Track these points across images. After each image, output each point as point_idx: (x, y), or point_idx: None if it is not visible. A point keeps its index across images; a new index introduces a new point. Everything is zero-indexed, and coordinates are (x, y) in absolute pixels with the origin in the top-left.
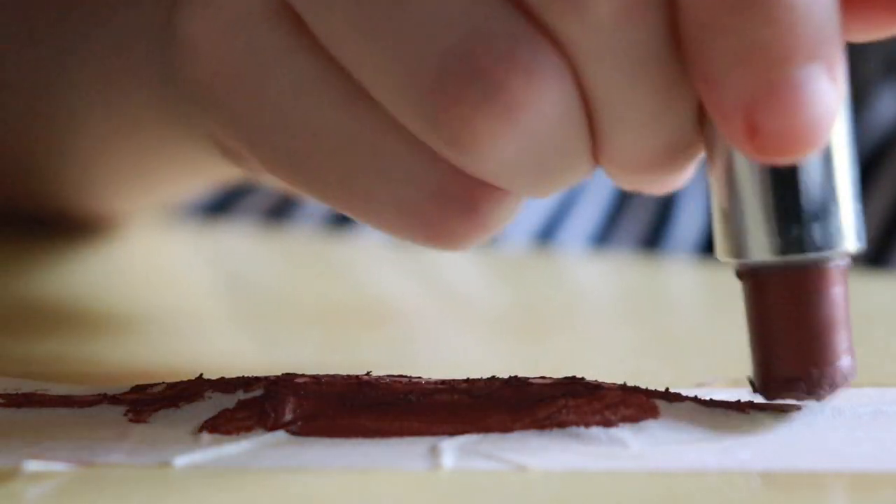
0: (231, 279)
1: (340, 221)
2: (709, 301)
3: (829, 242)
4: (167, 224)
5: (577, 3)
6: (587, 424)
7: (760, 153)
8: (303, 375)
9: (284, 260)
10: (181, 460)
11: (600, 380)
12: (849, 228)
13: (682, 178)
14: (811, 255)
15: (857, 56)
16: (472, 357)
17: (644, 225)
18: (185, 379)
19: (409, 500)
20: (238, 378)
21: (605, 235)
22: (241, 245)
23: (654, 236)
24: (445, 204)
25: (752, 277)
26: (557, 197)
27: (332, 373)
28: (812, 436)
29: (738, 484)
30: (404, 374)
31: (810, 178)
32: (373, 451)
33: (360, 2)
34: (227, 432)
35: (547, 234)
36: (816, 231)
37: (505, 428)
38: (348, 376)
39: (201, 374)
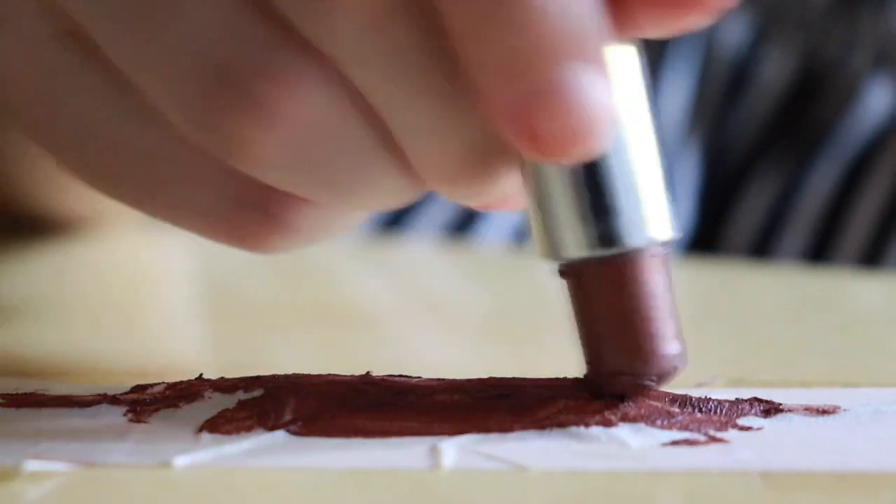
0: (224, 280)
1: None
2: (699, 301)
3: (638, 234)
4: (160, 227)
5: (328, 11)
6: (587, 424)
7: (543, 155)
8: (303, 375)
9: (275, 261)
10: (181, 460)
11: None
12: (658, 218)
13: (504, 190)
14: (623, 248)
15: (847, 49)
16: (457, 360)
17: None
18: (184, 379)
19: (409, 500)
20: (238, 378)
21: None
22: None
23: None
24: (244, 209)
25: (572, 275)
26: None
27: (331, 373)
28: (812, 436)
29: (738, 484)
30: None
31: (613, 172)
32: (373, 451)
33: (127, 17)
34: (227, 432)
35: (526, 233)
36: (625, 224)
37: (505, 428)
38: (348, 376)
39: (201, 374)
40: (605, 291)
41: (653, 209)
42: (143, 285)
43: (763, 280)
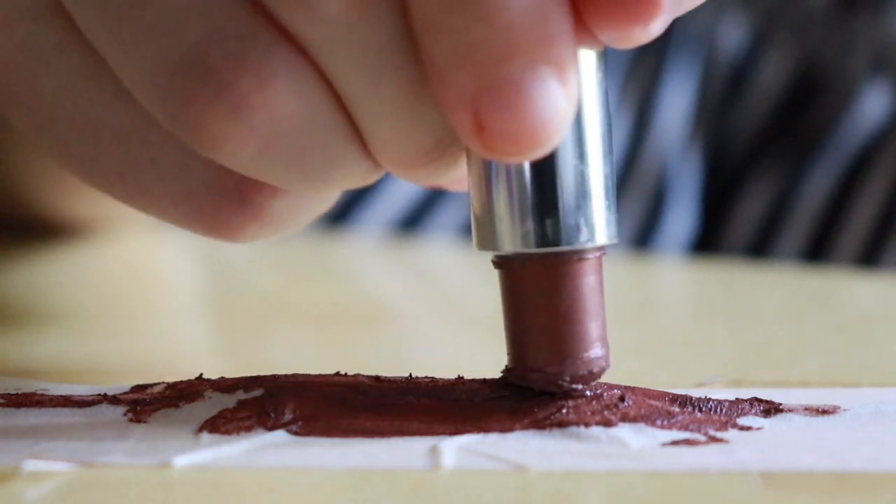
0: (225, 280)
1: (333, 221)
2: (699, 301)
3: (576, 236)
4: (167, 228)
5: (307, 1)
6: (587, 424)
7: (489, 151)
8: (303, 375)
9: (277, 260)
10: (181, 460)
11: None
12: (598, 223)
13: (459, 174)
14: (558, 248)
15: (845, 53)
16: (467, 357)
17: (633, 224)
18: (184, 379)
19: (409, 500)
20: (238, 378)
21: None
22: (236, 245)
23: (643, 236)
24: (217, 196)
25: (505, 268)
26: None
27: (331, 372)
28: (812, 436)
29: (738, 484)
30: (400, 374)
31: (559, 173)
32: (373, 451)
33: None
34: (227, 432)
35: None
36: (563, 225)
37: (505, 428)
38: (348, 376)
39: (201, 374)
40: (535, 289)
41: (593, 213)
42: (149, 286)
43: (762, 280)
